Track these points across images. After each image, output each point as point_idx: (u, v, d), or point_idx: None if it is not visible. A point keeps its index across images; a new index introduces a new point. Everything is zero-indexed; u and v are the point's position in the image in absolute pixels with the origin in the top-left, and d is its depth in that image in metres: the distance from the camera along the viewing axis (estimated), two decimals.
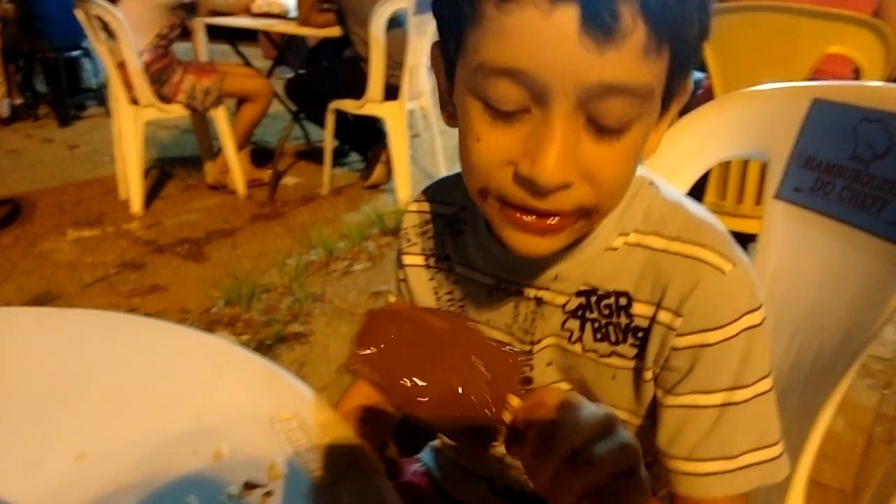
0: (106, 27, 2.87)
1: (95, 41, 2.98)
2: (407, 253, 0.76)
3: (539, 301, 0.65)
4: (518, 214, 0.53)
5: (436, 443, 0.88)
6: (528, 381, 0.69)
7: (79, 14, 2.93)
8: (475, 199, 0.57)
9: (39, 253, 2.78)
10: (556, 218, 0.53)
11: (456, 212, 0.72)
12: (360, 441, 0.61)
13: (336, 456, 0.59)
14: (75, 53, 4.61)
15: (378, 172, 3.44)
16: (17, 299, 2.43)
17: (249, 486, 0.56)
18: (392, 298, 0.82)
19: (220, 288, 2.45)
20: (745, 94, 0.91)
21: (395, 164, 3.20)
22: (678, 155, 0.92)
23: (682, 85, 0.55)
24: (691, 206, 0.63)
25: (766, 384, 0.58)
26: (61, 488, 0.55)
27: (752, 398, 0.58)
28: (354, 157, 3.75)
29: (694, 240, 0.59)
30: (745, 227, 1.07)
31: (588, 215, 0.54)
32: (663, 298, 0.59)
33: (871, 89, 0.82)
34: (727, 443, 0.57)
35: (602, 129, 0.49)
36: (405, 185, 3.21)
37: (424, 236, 0.75)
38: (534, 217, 0.53)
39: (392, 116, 3.09)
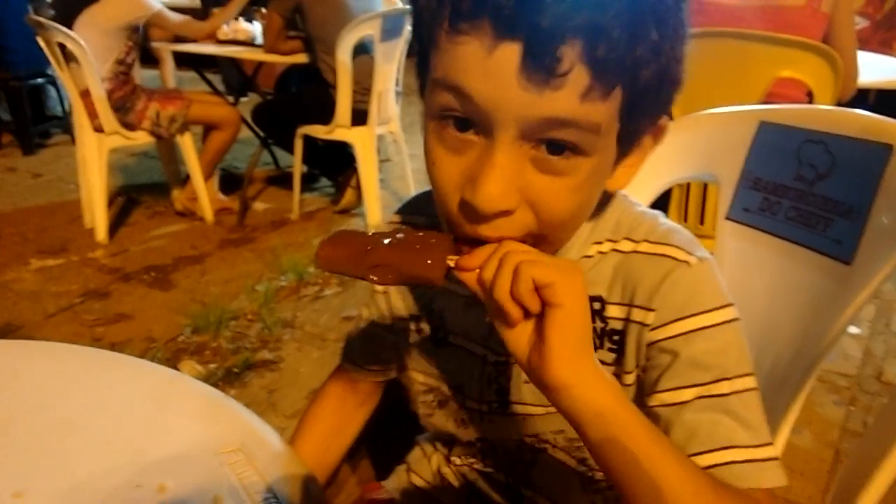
0: (67, 54, 2.84)
1: (58, 69, 2.95)
2: None
3: None
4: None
5: (403, 466, 0.87)
6: (505, 392, 0.69)
7: (41, 41, 2.90)
8: (447, 228, 0.57)
9: (1, 283, 2.72)
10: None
11: (433, 223, 0.73)
12: (309, 473, 0.60)
13: (283, 487, 0.58)
14: (39, 81, 4.55)
15: (348, 197, 3.43)
16: None
17: None
18: (366, 312, 0.83)
19: (188, 315, 2.42)
20: (694, 118, 0.93)
21: (365, 188, 3.20)
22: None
23: (649, 124, 0.56)
24: (660, 216, 0.65)
25: (750, 381, 0.57)
26: None
27: (736, 392, 0.56)
28: (324, 182, 3.75)
29: (661, 240, 0.60)
30: (708, 246, 1.08)
31: (537, 241, 0.54)
32: (634, 296, 0.60)
33: (814, 112, 0.85)
34: (713, 437, 0.55)
35: (548, 160, 0.50)
36: (375, 210, 3.21)
37: None
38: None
39: (361, 141, 3.09)
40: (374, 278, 0.52)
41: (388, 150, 4.14)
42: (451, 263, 0.51)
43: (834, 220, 0.76)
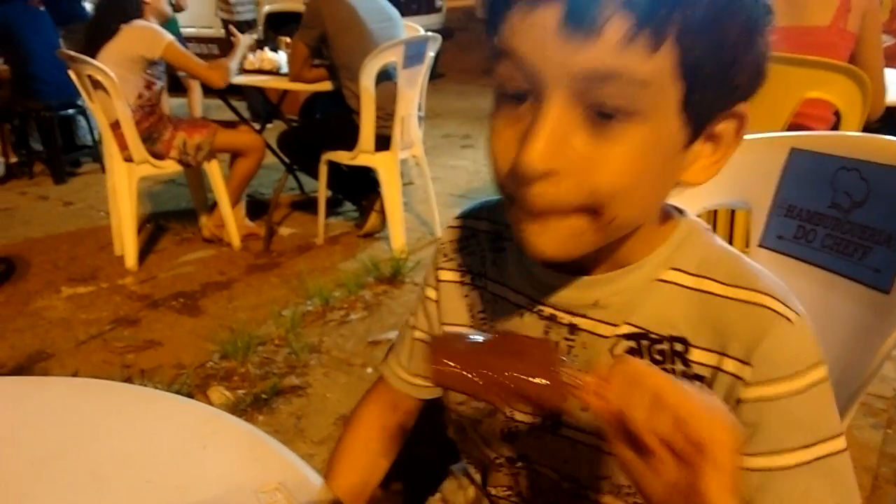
0: (97, 86, 2.91)
1: (88, 100, 3.03)
2: (442, 268, 0.77)
3: (573, 328, 0.64)
4: (528, 224, 0.55)
5: (437, 496, 0.86)
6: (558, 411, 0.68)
7: (72, 73, 2.98)
8: (505, 209, 0.58)
9: (33, 311, 2.77)
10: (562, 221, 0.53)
11: (500, 229, 0.73)
12: None
13: None
14: (70, 111, 4.67)
15: (372, 221, 3.46)
16: (9, 359, 2.41)
17: None
18: (413, 321, 0.81)
19: (216, 342, 2.44)
20: None
21: (389, 211, 3.22)
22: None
23: (720, 103, 0.53)
24: (742, 256, 0.62)
25: (841, 442, 0.56)
26: None
27: (829, 455, 0.55)
28: (349, 206, 3.78)
29: (755, 287, 0.58)
30: None
31: (593, 214, 0.53)
32: (728, 346, 0.57)
33: (847, 139, 0.84)
34: (807, 501, 0.54)
35: (599, 124, 0.49)
36: (399, 234, 3.22)
37: (463, 252, 0.76)
38: (541, 219, 0.53)
39: (385, 166, 3.12)
40: (499, 401, 0.50)
41: (411, 174, 4.17)
42: (570, 381, 0.48)
43: (871, 249, 0.75)
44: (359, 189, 3.49)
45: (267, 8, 6.21)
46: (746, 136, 0.91)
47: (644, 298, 0.61)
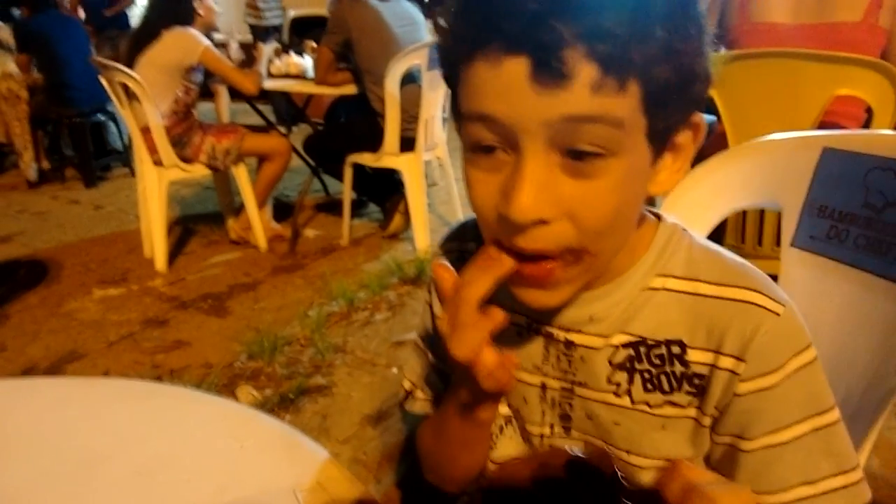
0: (128, 92, 2.97)
1: (119, 107, 3.09)
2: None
3: (570, 343, 0.65)
4: (520, 272, 0.55)
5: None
6: (568, 419, 0.69)
7: (103, 80, 3.04)
8: None
9: (65, 312, 2.83)
10: (549, 263, 0.54)
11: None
12: (385, 502, 0.61)
13: None
14: (101, 117, 4.76)
15: (396, 222, 3.48)
16: (43, 359, 2.46)
17: None
18: (418, 340, 0.80)
19: (243, 342, 2.47)
20: (755, 145, 0.92)
21: (413, 213, 3.24)
22: (691, 206, 0.93)
23: (679, 121, 0.56)
24: (727, 253, 0.64)
25: (834, 413, 0.59)
26: None
27: (824, 426, 0.58)
28: (373, 208, 3.80)
29: (741, 284, 0.60)
30: (769, 268, 1.07)
31: (579, 257, 0.55)
32: (722, 344, 0.59)
33: (880, 137, 0.83)
34: (809, 469, 0.58)
35: (578, 165, 0.51)
36: (423, 234, 3.24)
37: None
38: (528, 265, 0.55)
39: (409, 168, 3.14)
40: None
41: (434, 175, 4.18)
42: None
43: None
44: (383, 191, 3.51)
45: (292, 13, 6.27)
46: (777, 136, 0.92)
47: (638, 308, 0.62)
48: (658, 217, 0.66)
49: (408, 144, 3.10)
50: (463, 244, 0.76)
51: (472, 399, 0.62)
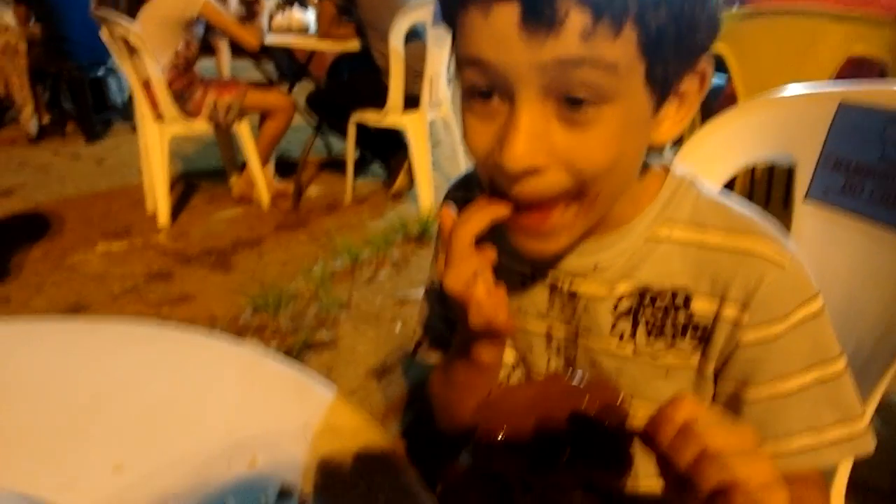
0: (129, 46, 2.93)
1: (120, 61, 3.05)
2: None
3: (574, 293, 0.66)
4: (517, 220, 0.56)
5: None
6: (573, 363, 0.69)
7: (103, 35, 3.00)
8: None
9: (69, 266, 2.84)
10: (546, 211, 0.55)
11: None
12: (393, 445, 0.62)
13: (369, 460, 0.60)
14: (100, 72, 4.70)
15: (400, 181, 3.46)
16: (47, 312, 2.48)
17: (285, 491, 0.57)
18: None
19: (248, 296, 2.49)
20: (768, 101, 0.91)
21: (417, 172, 3.22)
22: (703, 160, 0.92)
23: (681, 67, 0.54)
24: (734, 202, 0.63)
25: (840, 362, 0.59)
26: (101, 499, 0.57)
27: (830, 376, 0.59)
28: (376, 166, 3.78)
29: (749, 233, 0.60)
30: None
31: (576, 199, 0.55)
32: (727, 294, 0.59)
33: None
34: (813, 419, 0.59)
35: (573, 114, 0.50)
36: (428, 193, 3.23)
37: None
38: (524, 216, 0.55)
39: (413, 127, 3.11)
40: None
41: (439, 133, 4.15)
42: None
43: None
44: (387, 149, 3.49)
45: None
46: (794, 92, 0.91)
47: (642, 257, 0.63)
48: (667, 168, 0.65)
49: (412, 102, 3.07)
50: (469, 192, 0.76)
51: (473, 341, 0.62)
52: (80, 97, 4.59)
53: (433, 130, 3.91)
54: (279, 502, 0.56)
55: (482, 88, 0.52)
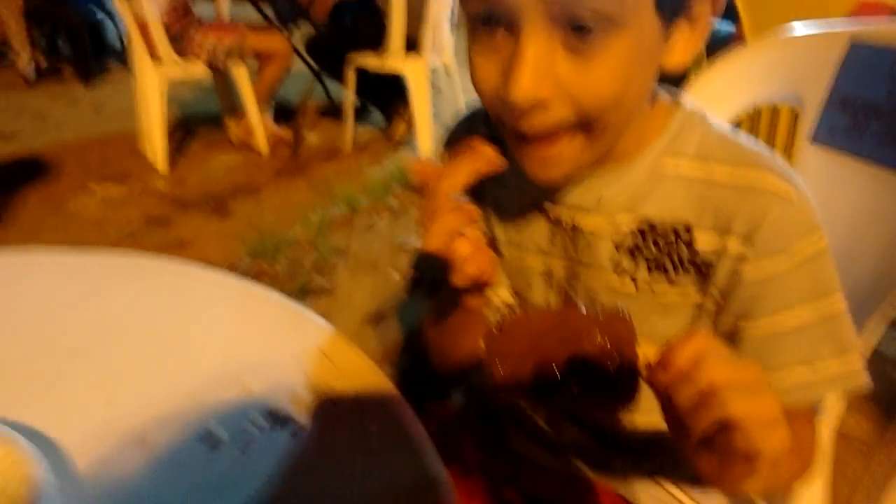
0: None
1: (117, 1, 2.97)
2: None
3: (576, 227, 0.64)
4: (524, 150, 0.55)
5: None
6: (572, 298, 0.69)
7: None
8: (499, 130, 0.58)
9: (67, 211, 2.82)
10: (554, 142, 0.54)
11: (498, 136, 0.72)
12: (385, 377, 0.62)
13: (361, 389, 0.60)
14: (98, 16, 4.61)
15: (400, 129, 3.42)
16: None
17: (276, 418, 0.57)
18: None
19: (245, 242, 2.48)
20: (777, 41, 0.88)
21: (417, 120, 3.18)
22: (709, 100, 0.90)
23: None
24: (743, 136, 0.62)
25: (839, 300, 0.59)
26: (93, 423, 0.56)
27: (829, 314, 0.58)
28: (376, 114, 3.73)
29: (755, 167, 0.58)
30: None
31: (587, 129, 0.53)
32: (730, 228, 0.58)
33: None
34: (810, 354, 0.58)
35: (580, 44, 0.49)
36: (427, 140, 3.19)
37: None
38: (532, 148, 0.54)
39: (414, 73, 3.06)
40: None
41: (440, 83, 4.08)
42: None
43: None
44: (387, 96, 3.44)
45: None
46: (803, 29, 0.88)
47: (647, 191, 0.61)
48: (676, 100, 0.63)
49: (413, 47, 3.01)
50: (473, 129, 0.74)
51: (457, 289, 0.60)
52: (78, 41, 4.52)
53: (434, 78, 3.85)
54: (270, 426, 0.56)
55: (487, 20, 0.51)
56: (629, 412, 0.70)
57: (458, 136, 0.74)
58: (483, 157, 0.55)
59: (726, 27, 2.15)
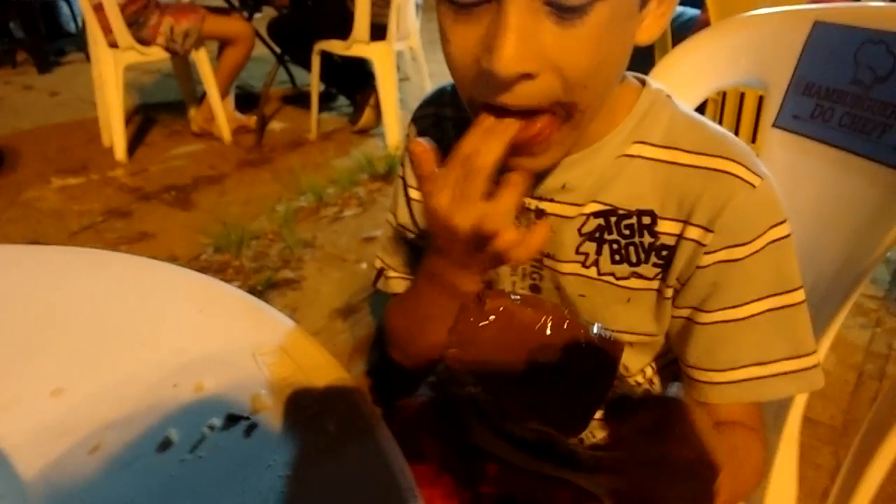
0: None
1: None
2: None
3: (540, 213, 0.63)
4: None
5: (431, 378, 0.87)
6: (538, 290, 0.68)
7: None
8: (473, 116, 0.54)
9: (24, 201, 2.74)
10: (540, 121, 0.51)
11: (466, 116, 0.70)
12: (345, 372, 0.60)
13: (321, 386, 0.58)
14: None
15: (367, 116, 3.37)
16: None
17: (232, 417, 0.54)
18: (390, 217, 0.78)
19: (209, 235, 2.42)
20: (742, 20, 0.87)
21: (385, 107, 3.13)
22: (674, 84, 0.88)
23: None
24: (709, 122, 0.61)
25: (798, 295, 0.58)
26: (39, 423, 0.54)
27: (785, 307, 0.57)
28: (342, 101, 3.68)
29: (720, 154, 0.57)
30: None
31: (569, 114, 0.51)
32: (692, 214, 0.57)
33: (874, 9, 0.79)
34: (762, 349, 0.58)
35: (562, 9, 0.46)
36: (395, 130, 3.15)
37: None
38: (520, 129, 0.51)
39: (380, 58, 3.01)
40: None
41: (407, 69, 4.03)
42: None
43: (892, 126, 0.71)
44: (353, 82, 3.38)
45: None
46: (766, 10, 0.87)
47: (612, 176, 0.60)
48: (643, 81, 0.62)
49: (379, 32, 2.96)
50: (440, 109, 0.72)
51: (457, 271, 0.58)
52: (32, 25, 4.37)
53: (401, 65, 3.80)
54: (223, 426, 0.53)
55: None
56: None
57: (423, 116, 0.72)
58: (505, 126, 0.51)
59: (691, 11, 2.15)
